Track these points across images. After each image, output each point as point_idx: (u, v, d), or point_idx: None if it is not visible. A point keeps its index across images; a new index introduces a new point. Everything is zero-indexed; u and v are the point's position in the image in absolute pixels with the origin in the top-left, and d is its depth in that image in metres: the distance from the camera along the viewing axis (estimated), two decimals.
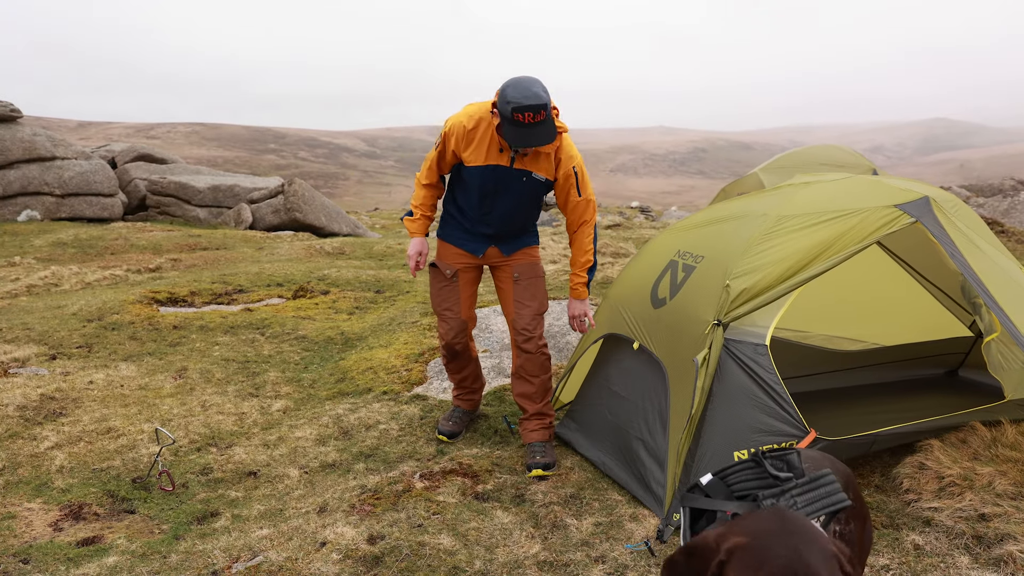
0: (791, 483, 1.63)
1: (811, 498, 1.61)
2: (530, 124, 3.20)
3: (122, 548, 2.99)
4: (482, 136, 3.45)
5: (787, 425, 3.06)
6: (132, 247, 12.35)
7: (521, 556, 2.86)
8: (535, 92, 3.18)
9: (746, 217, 3.61)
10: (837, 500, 1.62)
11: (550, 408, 3.84)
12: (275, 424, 4.34)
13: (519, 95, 3.17)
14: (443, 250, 3.83)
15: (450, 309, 3.83)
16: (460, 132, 3.47)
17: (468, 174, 3.55)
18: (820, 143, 12.34)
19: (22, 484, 3.57)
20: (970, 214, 3.70)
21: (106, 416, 4.34)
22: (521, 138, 3.26)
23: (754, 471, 1.68)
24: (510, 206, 3.62)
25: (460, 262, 3.80)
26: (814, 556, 1.38)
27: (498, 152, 3.46)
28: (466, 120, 3.46)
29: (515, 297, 3.76)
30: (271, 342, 6.02)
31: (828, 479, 1.64)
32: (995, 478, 3.00)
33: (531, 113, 3.17)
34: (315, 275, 8.80)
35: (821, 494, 1.62)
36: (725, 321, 3.12)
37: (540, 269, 3.84)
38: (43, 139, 16.19)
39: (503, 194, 3.57)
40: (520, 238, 3.80)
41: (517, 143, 3.29)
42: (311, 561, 2.80)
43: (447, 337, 3.86)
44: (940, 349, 4.68)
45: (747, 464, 1.70)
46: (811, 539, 1.42)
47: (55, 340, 5.92)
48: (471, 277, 3.86)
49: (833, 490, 1.63)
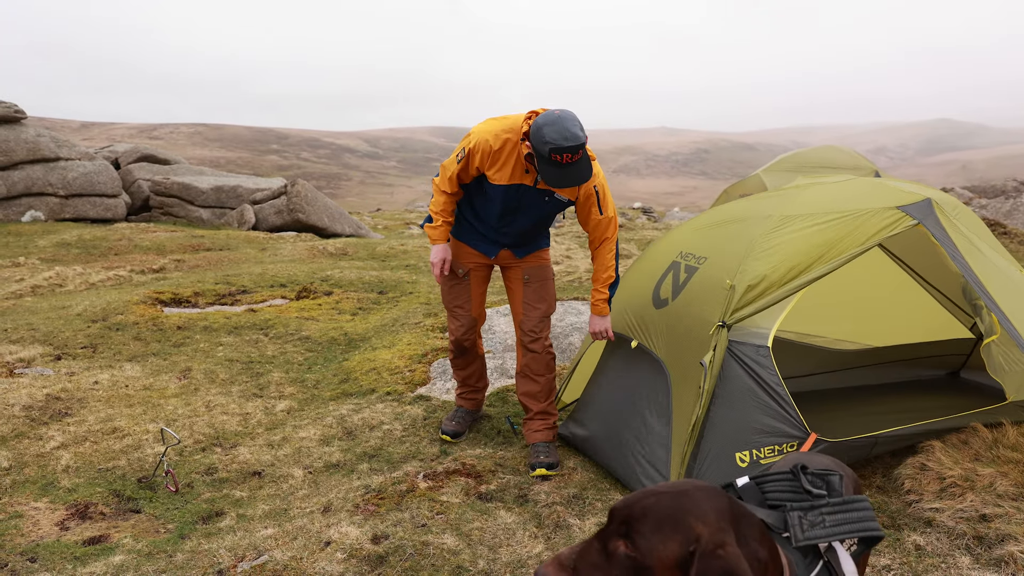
0: (823, 500, 1.61)
1: (841, 519, 1.58)
2: (568, 164, 3.18)
3: (128, 547, 3.01)
4: (508, 156, 3.43)
5: (788, 426, 3.08)
6: (136, 248, 12.38)
7: (524, 556, 2.88)
8: (574, 133, 3.14)
9: (749, 219, 3.63)
10: (870, 527, 1.59)
11: (554, 408, 3.87)
12: (279, 424, 4.36)
13: (558, 136, 3.13)
14: (456, 249, 3.85)
15: (461, 306, 3.88)
16: (486, 151, 3.44)
17: (492, 190, 3.54)
18: (822, 144, 12.34)
19: (29, 483, 3.59)
20: (971, 216, 3.72)
21: (111, 416, 4.36)
22: (559, 178, 3.24)
23: (790, 483, 1.67)
24: (530, 222, 3.65)
25: (472, 262, 3.83)
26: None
27: (523, 172, 3.45)
28: (492, 139, 3.42)
29: (524, 299, 3.79)
30: (275, 343, 6.04)
31: (863, 504, 1.62)
32: (996, 479, 3.01)
33: (569, 154, 3.14)
34: (318, 276, 8.82)
35: (853, 517, 1.59)
36: (729, 322, 3.13)
37: (550, 271, 3.87)
38: (47, 140, 16.23)
39: (524, 211, 3.59)
40: (535, 242, 3.83)
41: (555, 183, 3.27)
42: (315, 560, 2.82)
43: (457, 333, 3.91)
44: (941, 350, 4.70)
45: (785, 475, 1.69)
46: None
47: (60, 340, 5.95)
48: (482, 276, 3.90)
49: (866, 516, 1.61)
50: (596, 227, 3.61)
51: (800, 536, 1.58)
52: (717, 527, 1.37)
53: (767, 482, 1.70)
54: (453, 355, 4.04)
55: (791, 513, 1.60)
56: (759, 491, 1.70)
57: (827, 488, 1.65)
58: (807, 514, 1.59)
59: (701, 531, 1.36)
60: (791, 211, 3.49)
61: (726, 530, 1.38)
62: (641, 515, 1.39)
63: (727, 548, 1.35)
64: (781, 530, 1.61)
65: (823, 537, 1.58)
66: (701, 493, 1.43)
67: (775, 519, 1.61)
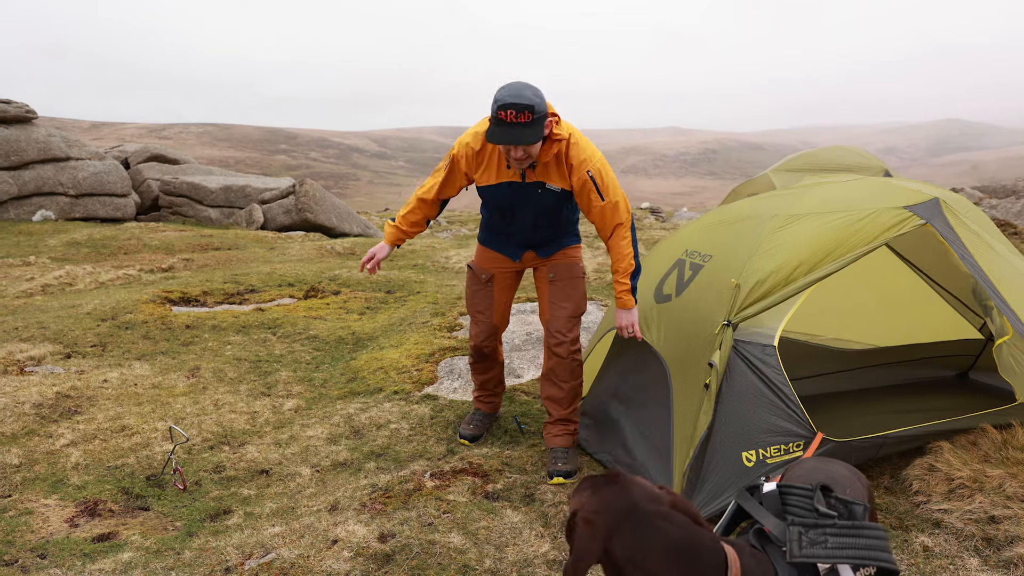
0: (829, 520, 1.59)
1: (846, 543, 1.55)
2: (511, 123, 3.13)
3: (137, 544, 3.03)
4: (489, 156, 3.43)
5: (795, 425, 3.07)
6: (145, 247, 12.45)
7: (531, 555, 2.88)
8: (523, 93, 3.14)
9: (756, 217, 3.62)
10: (880, 558, 1.54)
11: (576, 415, 3.78)
12: (287, 423, 4.38)
13: (506, 94, 3.12)
14: (481, 254, 3.82)
15: (482, 312, 3.85)
16: (469, 154, 3.44)
17: (483, 193, 3.54)
18: (831, 144, 12.28)
19: (39, 480, 3.62)
20: (980, 216, 3.69)
21: (120, 414, 4.39)
22: (500, 135, 3.17)
23: (810, 500, 1.65)
24: (531, 218, 3.57)
25: (496, 267, 3.79)
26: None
27: (507, 168, 3.42)
28: (472, 140, 3.43)
29: (550, 298, 3.69)
30: (283, 342, 6.07)
31: (876, 532, 1.58)
32: (1005, 480, 2.99)
33: (514, 111, 3.10)
34: (326, 275, 8.85)
35: (860, 543, 1.55)
36: (735, 321, 3.13)
37: (579, 269, 3.74)
38: (58, 140, 16.34)
39: (520, 208, 3.53)
40: (558, 240, 3.73)
41: (495, 139, 3.20)
42: (323, 558, 2.83)
43: (477, 339, 3.89)
44: (950, 351, 4.67)
45: (809, 492, 1.67)
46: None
47: (70, 339, 5.98)
48: (508, 284, 3.84)
49: (878, 545, 1.56)
50: (600, 215, 3.42)
51: (796, 552, 1.56)
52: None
53: (791, 494, 1.69)
54: (472, 360, 4.00)
55: (791, 528, 1.59)
56: (780, 500, 1.69)
57: (849, 516, 1.61)
58: (808, 531, 1.57)
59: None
60: (798, 210, 3.48)
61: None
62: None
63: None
64: (781, 544, 1.60)
65: (821, 557, 1.55)
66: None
67: (778, 530, 1.61)
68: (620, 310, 3.56)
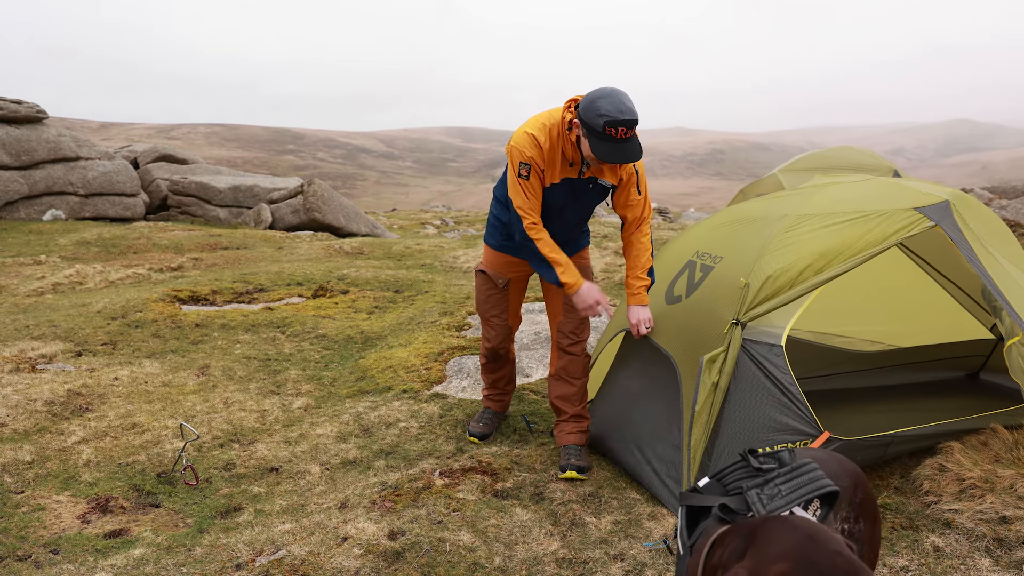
0: (773, 473, 1.71)
1: (794, 485, 1.68)
2: (622, 140, 3.09)
3: (148, 541, 3.05)
4: (552, 153, 3.34)
5: (801, 424, 3.07)
6: (154, 246, 12.50)
7: (540, 553, 2.89)
8: (629, 107, 3.07)
9: (765, 218, 3.61)
10: (821, 485, 1.68)
11: (587, 412, 3.78)
12: (296, 421, 4.40)
13: (614, 109, 3.03)
14: (494, 258, 3.78)
15: (498, 316, 3.86)
16: (542, 158, 3.33)
17: (546, 192, 3.42)
18: (839, 144, 12.25)
19: (51, 477, 3.64)
20: (991, 217, 3.67)
21: (131, 412, 4.42)
22: (612, 153, 3.12)
23: (745, 469, 1.77)
24: (578, 215, 3.56)
25: (514, 272, 3.79)
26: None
27: (568, 165, 3.36)
28: (542, 138, 3.30)
29: (564, 300, 3.64)
30: (292, 340, 6.09)
31: (810, 467, 1.71)
32: (1017, 481, 2.98)
33: (624, 128, 3.06)
34: (334, 275, 8.87)
35: (804, 480, 1.68)
36: (744, 320, 3.13)
37: (589, 272, 3.76)
38: (68, 140, 16.43)
39: (572, 205, 3.49)
40: (579, 241, 3.74)
41: (608, 158, 3.14)
42: (333, 556, 2.84)
43: (493, 342, 3.89)
44: (961, 351, 4.65)
45: (739, 463, 1.78)
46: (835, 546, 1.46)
47: (80, 337, 6.02)
48: (522, 286, 3.87)
49: (815, 476, 1.70)
50: (635, 206, 3.48)
51: (763, 511, 1.65)
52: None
53: (726, 475, 1.79)
54: (485, 360, 4.01)
55: (749, 493, 1.69)
56: (720, 484, 1.79)
57: (777, 463, 1.74)
58: (763, 489, 1.68)
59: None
60: (807, 210, 3.47)
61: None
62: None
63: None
64: (746, 512, 1.69)
65: (784, 506, 1.65)
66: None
67: (737, 503, 1.70)
68: (636, 306, 3.55)
